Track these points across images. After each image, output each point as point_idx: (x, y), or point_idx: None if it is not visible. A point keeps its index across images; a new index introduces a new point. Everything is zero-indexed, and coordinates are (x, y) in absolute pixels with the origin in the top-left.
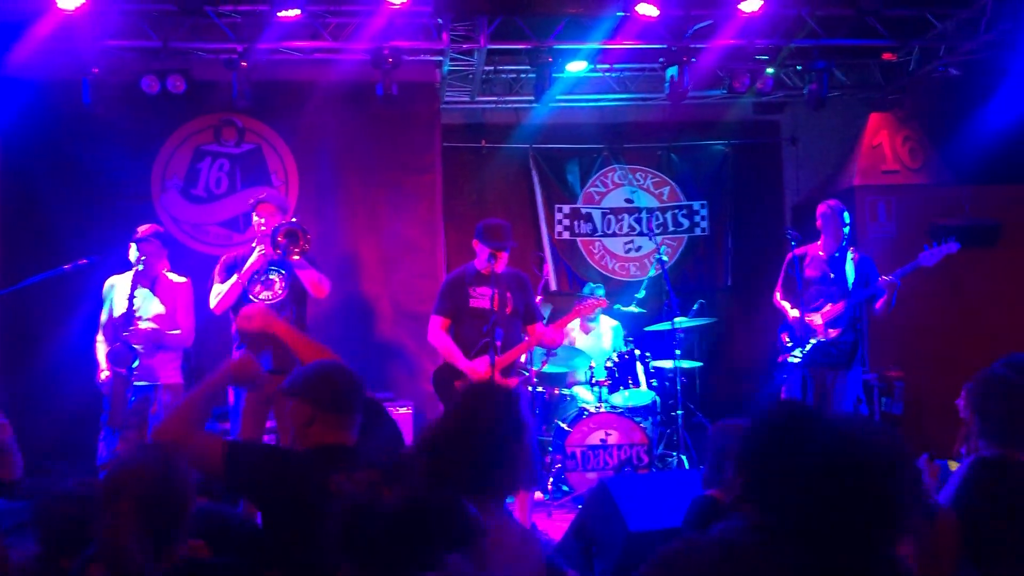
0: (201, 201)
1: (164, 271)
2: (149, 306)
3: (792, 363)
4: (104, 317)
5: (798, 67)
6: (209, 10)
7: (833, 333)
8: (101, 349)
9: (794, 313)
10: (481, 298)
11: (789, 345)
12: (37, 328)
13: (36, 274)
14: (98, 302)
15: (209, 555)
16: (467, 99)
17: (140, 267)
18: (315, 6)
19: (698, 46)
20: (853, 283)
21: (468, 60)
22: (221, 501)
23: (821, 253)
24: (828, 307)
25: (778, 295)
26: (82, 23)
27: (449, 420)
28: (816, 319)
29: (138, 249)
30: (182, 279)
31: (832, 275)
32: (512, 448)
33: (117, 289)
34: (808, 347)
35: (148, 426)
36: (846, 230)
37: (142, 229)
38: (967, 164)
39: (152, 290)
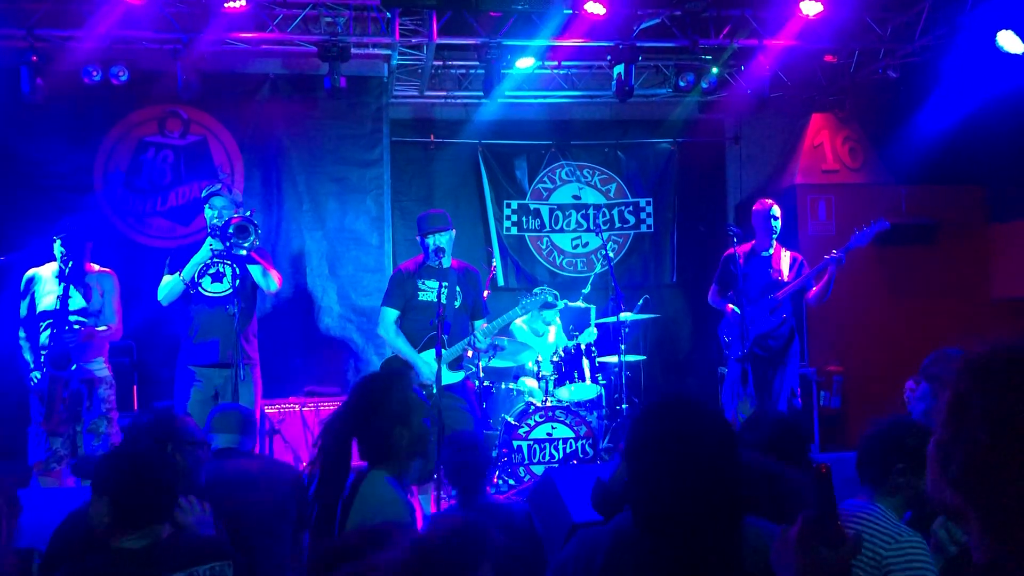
0: (144, 193)
1: (87, 262)
2: (76, 301)
3: (736, 359)
4: (24, 311)
5: (742, 67)
6: None
7: (773, 323)
8: (27, 347)
9: (735, 308)
10: (429, 291)
11: (729, 341)
12: None
13: None
14: (12, 295)
15: None
16: (416, 94)
17: (67, 268)
18: None
19: (644, 44)
20: (789, 275)
21: (417, 55)
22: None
23: (756, 251)
24: (768, 299)
25: (714, 293)
26: (20, 9)
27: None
28: (757, 312)
29: (63, 244)
30: (106, 270)
31: (769, 270)
32: (396, 427)
33: (42, 282)
34: (747, 340)
35: (84, 422)
36: (776, 226)
37: (67, 223)
38: (905, 164)
39: (77, 285)
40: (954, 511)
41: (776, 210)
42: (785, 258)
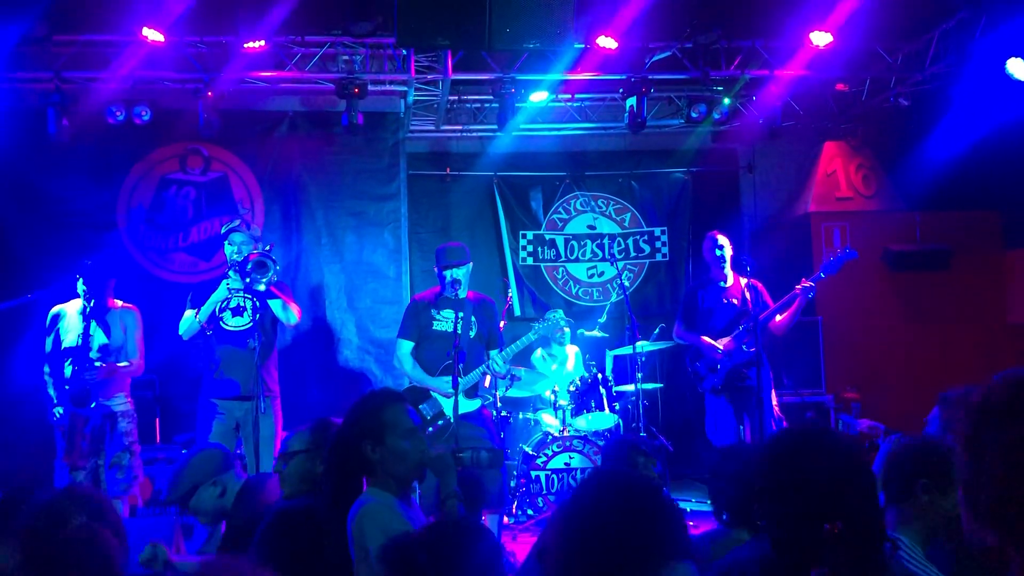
0: (166, 229)
1: (111, 298)
2: (98, 337)
3: (712, 392)
4: (49, 346)
5: (754, 97)
6: (175, 40)
7: (746, 356)
8: (51, 382)
9: (710, 341)
10: (444, 321)
11: (704, 375)
12: None
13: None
14: (40, 331)
15: None
16: (432, 128)
17: (90, 305)
18: (281, 37)
19: (656, 77)
20: (752, 305)
21: (433, 90)
22: None
23: (713, 282)
24: (739, 332)
25: (680, 329)
26: (48, 53)
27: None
28: (728, 343)
29: (85, 282)
30: (130, 306)
31: (732, 301)
32: (365, 442)
33: (66, 318)
34: (722, 372)
35: (106, 455)
36: (722, 254)
37: (89, 261)
38: (919, 191)
39: (99, 322)
40: (996, 552)
41: (722, 239)
42: (744, 287)
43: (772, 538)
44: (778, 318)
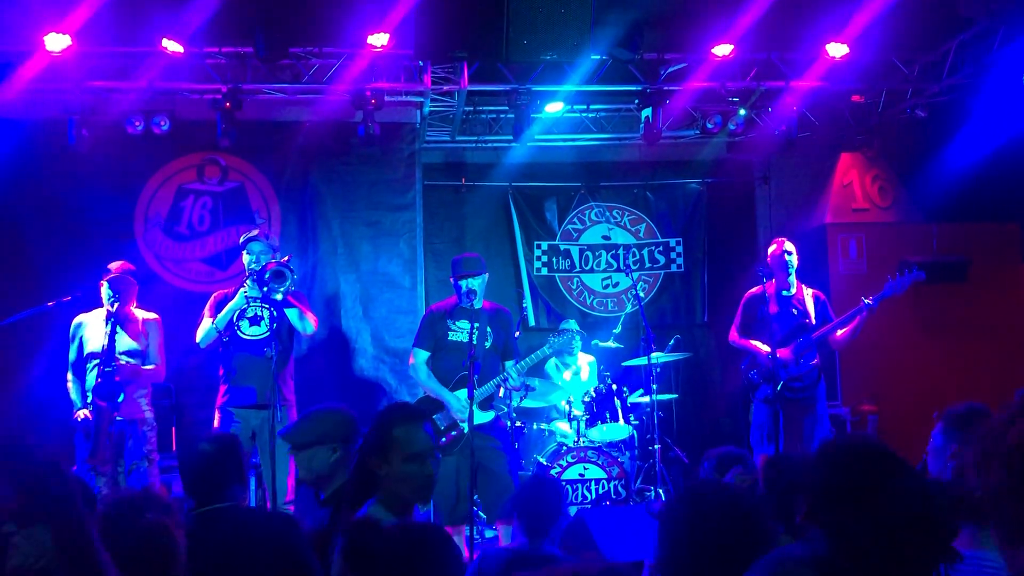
0: (184, 238)
1: (132, 307)
2: (121, 341)
3: (762, 400)
4: (73, 355)
5: (769, 109)
6: (193, 52)
7: (803, 367)
8: (74, 388)
9: (765, 349)
10: (460, 332)
11: (758, 382)
12: (7, 365)
13: (15, 310)
14: (63, 339)
15: None
16: (447, 139)
17: (114, 306)
18: (298, 48)
19: (672, 88)
20: (816, 316)
21: (448, 101)
22: None
23: (777, 291)
24: (798, 342)
25: (736, 334)
26: (68, 65)
27: None
28: (786, 353)
29: (111, 288)
30: (152, 315)
31: (794, 311)
32: (372, 457)
33: (87, 327)
34: (778, 383)
35: (124, 460)
36: (792, 263)
37: (114, 267)
38: (935, 202)
39: (123, 326)
40: None
41: (790, 246)
42: (808, 297)
43: (832, 542)
44: (839, 332)
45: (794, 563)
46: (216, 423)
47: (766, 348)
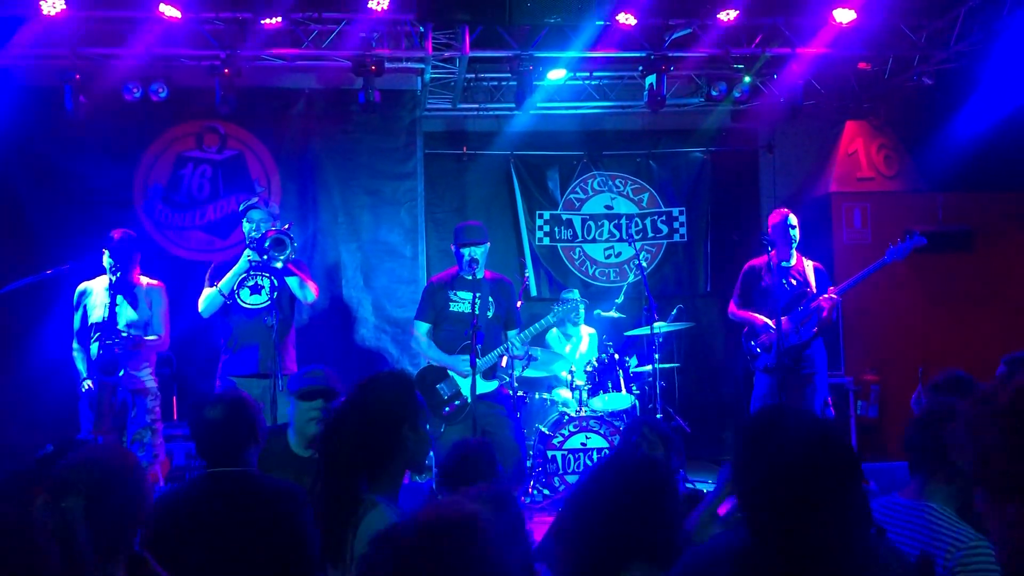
0: (183, 207)
1: (136, 274)
2: (125, 312)
3: (763, 370)
4: (78, 324)
5: (775, 75)
6: (191, 17)
7: (803, 336)
8: (80, 357)
9: (763, 319)
10: (462, 302)
11: (759, 353)
12: (11, 333)
13: (14, 278)
14: (69, 307)
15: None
16: (449, 106)
17: (116, 276)
18: (297, 13)
19: (676, 55)
20: (816, 287)
21: (450, 68)
22: None
23: (773, 262)
24: (798, 311)
25: (735, 306)
26: (64, 29)
27: (345, 405)
28: (785, 323)
29: (111, 255)
30: (156, 282)
31: (793, 281)
32: (402, 432)
33: (92, 295)
34: (777, 352)
35: (128, 430)
36: (795, 235)
37: (114, 234)
38: (941, 171)
39: (127, 296)
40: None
41: (793, 219)
42: (808, 268)
43: (749, 525)
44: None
45: (708, 560)
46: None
47: (763, 319)
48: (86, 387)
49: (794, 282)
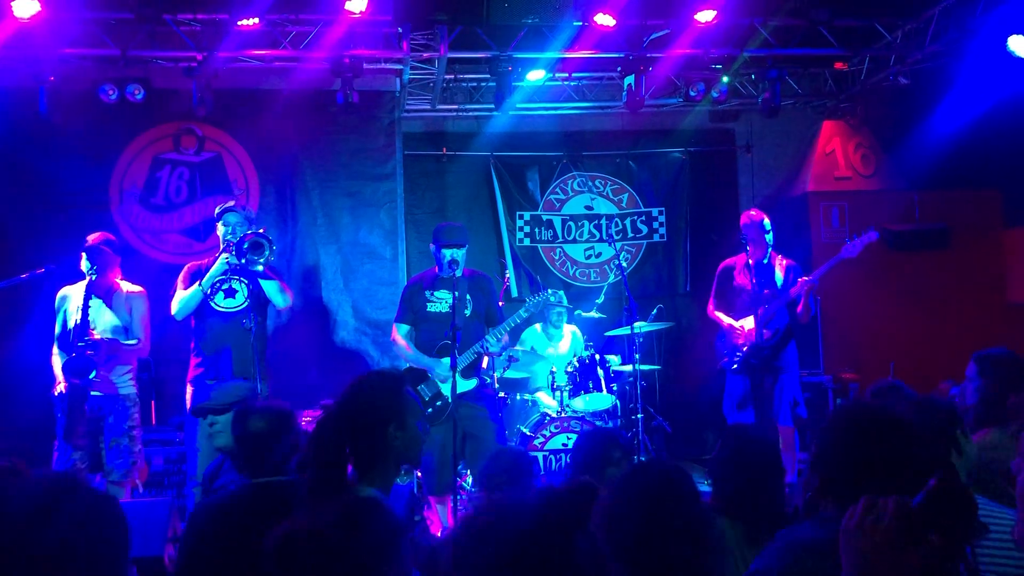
0: (160, 210)
1: (117, 279)
2: (103, 317)
3: (731, 370)
4: (58, 329)
5: (752, 76)
6: (168, 18)
7: (767, 335)
8: (57, 362)
9: (729, 321)
10: (440, 302)
11: (724, 353)
12: None
13: None
14: (50, 312)
15: None
16: (428, 107)
17: (92, 277)
18: (275, 15)
19: (655, 55)
20: (782, 286)
21: (428, 69)
22: None
23: (750, 262)
24: (760, 311)
25: (712, 307)
26: (39, 31)
27: (334, 405)
28: (748, 323)
29: (88, 259)
30: (137, 288)
31: (761, 281)
32: (388, 431)
33: (71, 300)
34: (742, 352)
35: (104, 436)
36: (768, 237)
37: (92, 238)
38: (918, 170)
39: (106, 300)
40: None
41: (767, 222)
42: (778, 266)
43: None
44: (798, 308)
45: (805, 550)
46: (189, 397)
47: (730, 320)
48: (58, 391)
49: (763, 280)
